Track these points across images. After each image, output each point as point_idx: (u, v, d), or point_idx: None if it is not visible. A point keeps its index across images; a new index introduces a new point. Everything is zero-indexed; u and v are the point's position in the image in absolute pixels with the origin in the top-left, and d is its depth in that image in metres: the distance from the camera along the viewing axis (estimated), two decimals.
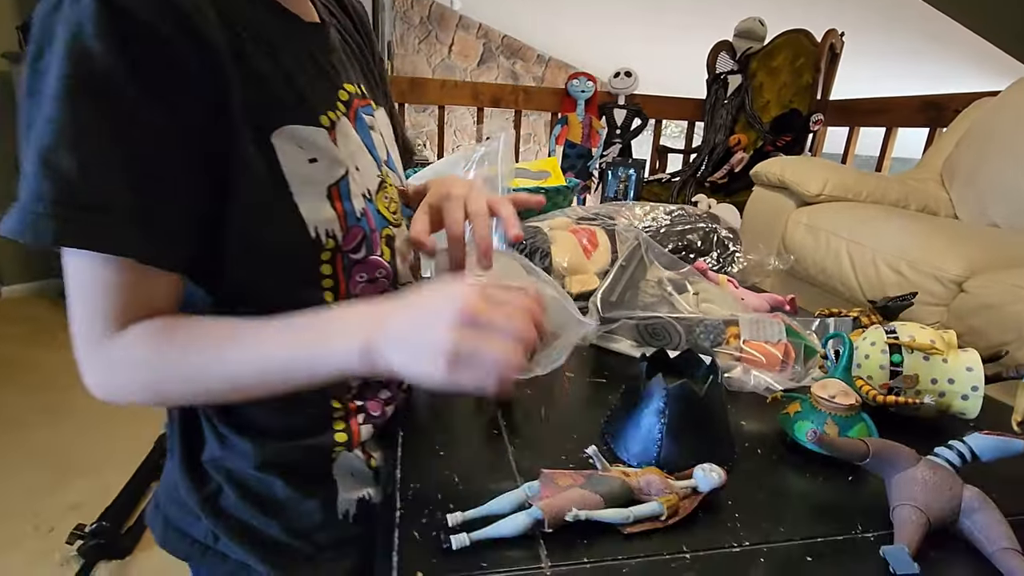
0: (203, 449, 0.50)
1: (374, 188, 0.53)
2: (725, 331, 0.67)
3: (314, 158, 0.45)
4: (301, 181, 0.44)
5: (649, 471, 0.42)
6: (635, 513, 0.39)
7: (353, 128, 0.51)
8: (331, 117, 0.48)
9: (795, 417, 0.52)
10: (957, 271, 1.27)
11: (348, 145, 0.49)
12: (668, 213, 1.02)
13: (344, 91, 0.51)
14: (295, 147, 0.44)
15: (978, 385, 0.53)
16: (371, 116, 0.56)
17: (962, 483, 0.42)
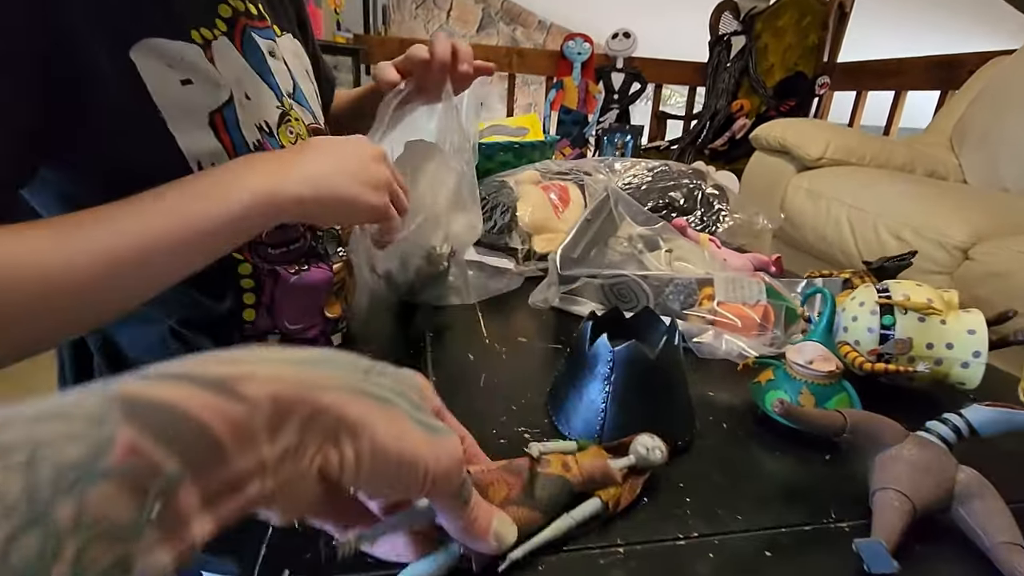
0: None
1: (274, 120, 0.46)
2: (698, 291, 0.59)
3: (187, 79, 0.39)
4: (175, 106, 0.38)
5: (590, 455, 0.34)
6: (575, 519, 0.32)
7: (238, 51, 0.44)
8: (204, 35, 0.41)
9: (767, 386, 0.45)
10: (962, 237, 1.19)
11: (230, 69, 0.42)
12: (650, 170, 0.94)
13: (227, 6, 0.44)
14: (162, 65, 0.38)
15: (980, 351, 0.46)
16: (269, 41, 0.48)
17: (957, 464, 0.35)
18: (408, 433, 0.21)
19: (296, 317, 0.50)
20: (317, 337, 0.52)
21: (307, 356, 0.20)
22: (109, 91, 0.35)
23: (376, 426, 0.20)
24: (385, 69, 0.54)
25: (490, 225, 0.74)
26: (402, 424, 0.21)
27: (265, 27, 0.49)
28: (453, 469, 0.22)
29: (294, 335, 0.50)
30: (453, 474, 0.23)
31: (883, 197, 1.40)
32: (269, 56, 0.48)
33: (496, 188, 0.79)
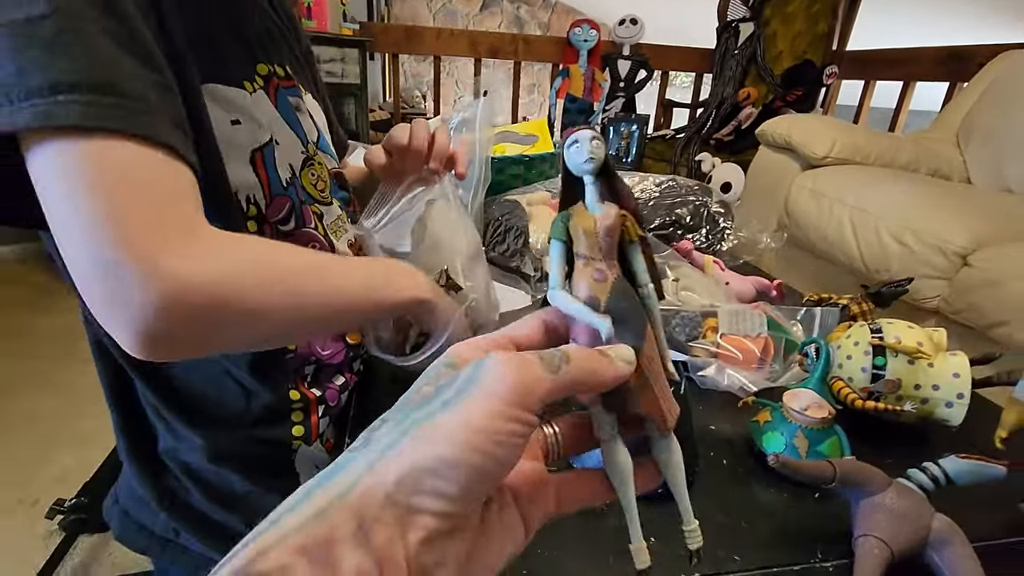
0: (156, 440, 0.49)
1: (298, 164, 0.51)
2: (702, 323, 0.63)
3: (237, 120, 0.44)
4: (225, 142, 0.43)
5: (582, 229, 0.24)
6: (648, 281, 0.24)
7: (272, 103, 0.49)
8: (247, 86, 0.46)
9: (765, 427, 0.49)
10: (962, 243, 1.21)
11: (266, 117, 0.47)
12: (658, 185, 0.97)
13: (264, 66, 0.49)
14: (218, 106, 0.43)
15: (964, 393, 0.50)
16: (296, 98, 0.53)
17: (932, 511, 0.39)
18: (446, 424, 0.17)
19: (325, 344, 0.55)
20: (341, 364, 0.57)
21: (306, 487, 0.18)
22: (197, 117, 0.40)
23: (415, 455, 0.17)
24: (375, 153, 0.58)
25: (503, 248, 0.78)
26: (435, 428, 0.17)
27: (292, 86, 0.53)
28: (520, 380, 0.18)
29: (324, 361, 0.54)
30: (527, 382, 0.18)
31: (886, 199, 1.42)
32: (296, 110, 0.53)
33: (509, 210, 0.82)
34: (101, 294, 0.31)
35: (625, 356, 0.21)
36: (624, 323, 0.22)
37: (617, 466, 0.23)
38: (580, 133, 0.23)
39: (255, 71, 0.48)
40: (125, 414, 0.50)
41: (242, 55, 0.47)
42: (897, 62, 2.35)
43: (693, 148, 2.57)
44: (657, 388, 0.22)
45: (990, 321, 1.13)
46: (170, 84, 0.36)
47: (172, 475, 0.49)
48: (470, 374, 0.19)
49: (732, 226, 0.90)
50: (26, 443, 1.13)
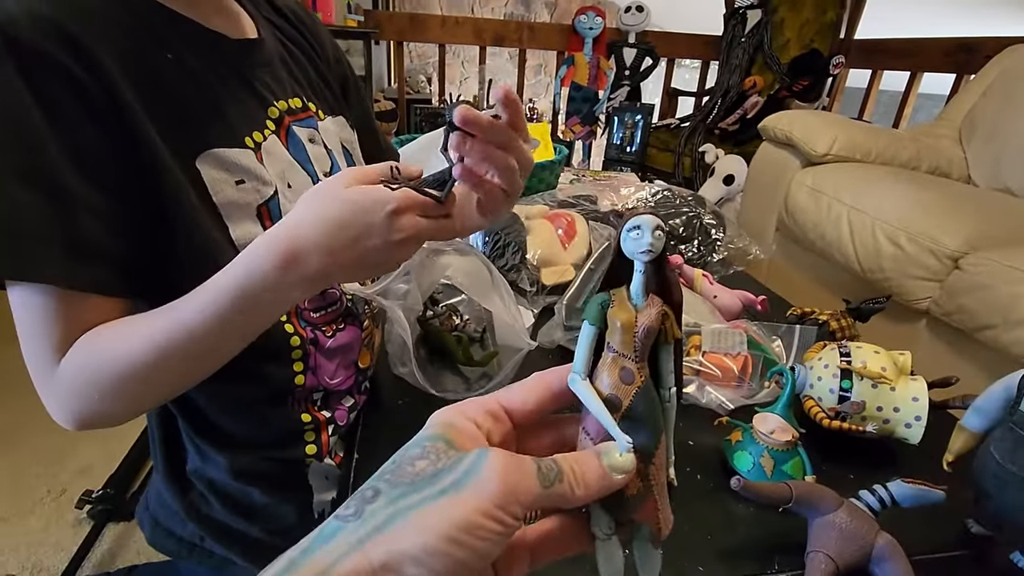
0: (186, 461, 0.54)
1: None
2: (687, 342, 0.67)
3: (241, 179, 0.46)
4: (230, 203, 0.45)
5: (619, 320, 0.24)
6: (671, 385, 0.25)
7: (284, 146, 0.51)
8: (256, 139, 0.48)
9: (736, 446, 0.53)
10: (955, 246, 1.24)
11: (277, 164, 0.50)
12: (653, 195, 1.00)
13: (275, 108, 0.51)
14: (221, 171, 0.45)
15: (921, 415, 0.54)
16: (310, 129, 0.55)
17: (878, 530, 0.44)
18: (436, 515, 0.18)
19: (335, 373, 0.58)
20: (351, 388, 0.60)
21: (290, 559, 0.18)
22: (180, 196, 0.42)
23: (403, 542, 0.18)
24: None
25: (502, 263, 0.82)
26: (426, 516, 0.18)
27: (307, 117, 0.55)
28: (513, 488, 0.19)
29: (333, 388, 0.58)
30: (519, 491, 0.19)
31: (883, 199, 1.44)
32: (309, 143, 0.55)
33: (507, 224, 0.86)
34: None
35: (621, 467, 0.22)
36: (639, 427, 0.22)
37: (612, 564, 0.23)
38: (643, 219, 0.22)
39: (266, 116, 0.50)
40: (165, 437, 0.55)
41: (249, 107, 0.49)
42: (904, 52, 2.33)
43: (697, 138, 2.57)
44: (659, 498, 0.23)
45: (978, 324, 1.17)
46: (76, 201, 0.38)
47: (198, 491, 0.54)
48: (469, 467, 0.20)
49: (724, 237, 0.93)
50: (49, 436, 1.19)
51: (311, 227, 0.37)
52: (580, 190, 1.08)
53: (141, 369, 0.39)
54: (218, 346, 0.41)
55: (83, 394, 0.40)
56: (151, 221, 0.42)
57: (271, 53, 0.53)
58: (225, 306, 0.38)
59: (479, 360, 0.67)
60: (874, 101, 2.59)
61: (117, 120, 0.39)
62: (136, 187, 0.40)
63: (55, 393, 0.41)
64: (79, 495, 1.00)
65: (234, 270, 0.38)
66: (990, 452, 0.46)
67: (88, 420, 0.42)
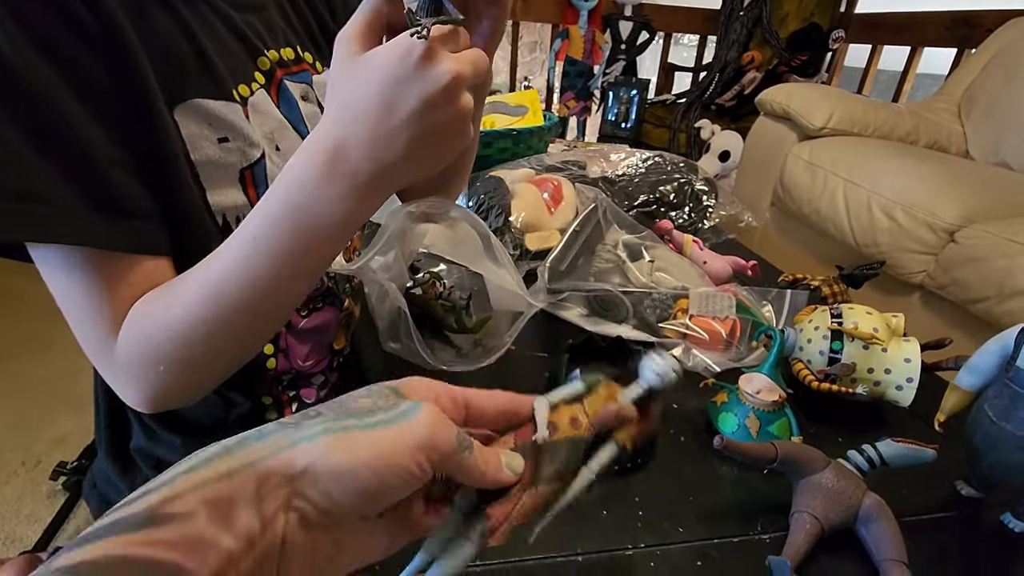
0: (130, 439, 0.50)
1: None
2: (673, 305, 0.65)
3: (225, 137, 0.40)
4: (209, 163, 0.40)
5: (601, 396, 0.30)
6: (594, 471, 0.29)
7: (274, 103, 0.46)
8: (243, 92, 0.42)
9: (721, 407, 0.52)
10: (951, 219, 1.22)
11: (266, 123, 0.44)
12: (643, 160, 0.97)
13: (265, 58, 0.45)
14: (202, 124, 0.39)
15: (913, 376, 0.52)
16: (304, 85, 0.49)
17: (865, 490, 0.42)
18: (363, 441, 0.20)
19: (307, 356, 0.53)
20: (324, 371, 0.56)
21: (225, 445, 0.20)
22: (158, 144, 0.37)
23: (327, 456, 0.20)
24: None
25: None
26: (353, 440, 0.20)
27: (301, 71, 0.49)
28: (435, 437, 0.22)
29: (304, 371, 0.54)
30: (439, 442, 0.22)
31: (879, 172, 1.41)
32: (302, 101, 0.49)
33: (492, 188, 0.83)
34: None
35: (516, 467, 0.26)
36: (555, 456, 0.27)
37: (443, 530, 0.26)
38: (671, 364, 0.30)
39: (255, 67, 0.44)
40: (110, 410, 0.50)
41: (237, 55, 0.43)
42: (905, 26, 2.28)
43: (694, 114, 2.53)
44: (516, 510, 0.26)
45: (972, 296, 1.15)
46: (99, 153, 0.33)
47: (143, 469, 0.50)
48: (406, 409, 0.22)
49: (716, 204, 0.91)
50: (25, 406, 1.17)
51: (342, 115, 0.32)
52: (570, 156, 1.04)
53: (202, 329, 0.34)
54: (278, 287, 0.35)
55: (147, 370, 0.36)
56: (161, 175, 0.37)
57: (262, 11, 0.47)
58: (276, 236, 0.33)
59: (471, 327, 0.64)
60: (873, 78, 2.55)
61: (119, 59, 0.34)
62: (146, 135, 0.36)
63: (119, 375, 0.37)
64: (54, 466, 0.98)
65: (276, 191, 0.34)
66: (984, 410, 0.44)
67: (161, 398, 0.37)
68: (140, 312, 0.35)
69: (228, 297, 0.34)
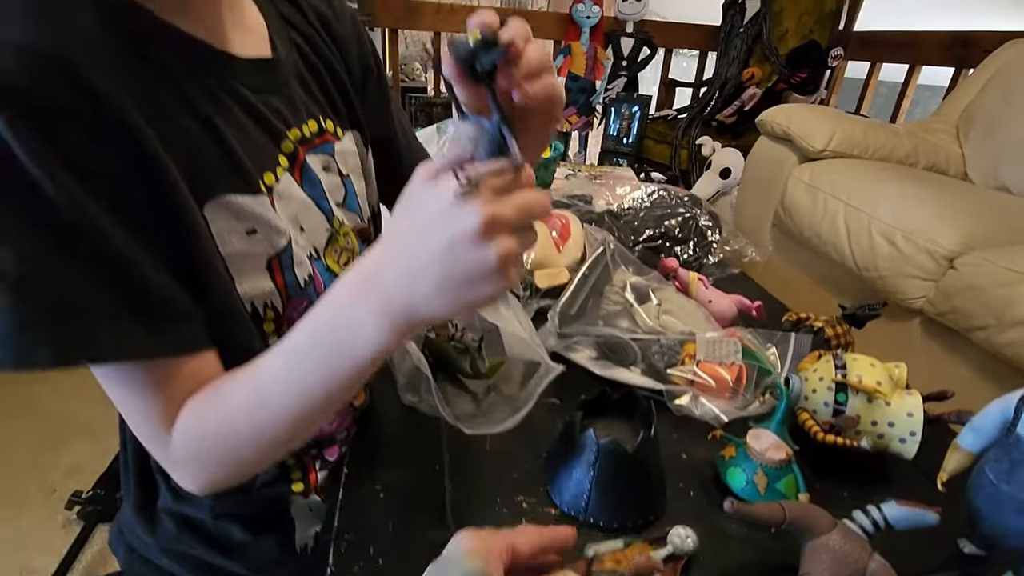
0: (158, 498, 0.51)
1: (322, 244, 0.49)
2: (681, 351, 0.67)
3: (253, 229, 0.41)
4: (237, 254, 0.40)
5: (635, 549, 0.44)
6: None
7: (298, 183, 0.46)
8: (268, 181, 0.43)
9: (729, 462, 0.53)
10: (951, 246, 1.23)
11: (291, 206, 0.45)
12: (648, 194, 0.99)
13: (288, 141, 0.45)
14: (231, 218, 0.40)
15: (916, 430, 0.54)
16: (326, 156, 0.50)
17: (871, 552, 0.43)
18: None
19: (331, 420, 0.55)
20: (347, 428, 0.58)
21: None
22: (186, 242, 0.37)
23: None
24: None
25: None
26: None
27: (323, 142, 0.50)
28: None
29: (327, 433, 0.55)
30: None
31: (879, 196, 1.43)
32: (323, 172, 0.49)
33: None
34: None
35: None
36: None
37: None
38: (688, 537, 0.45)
39: (279, 151, 0.45)
40: (141, 470, 0.51)
41: (261, 144, 0.43)
42: (903, 44, 2.31)
43: (694, 130, 2.55)
44: None
45: (972, 325, 1.16)
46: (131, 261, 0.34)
47: (171, 527, 0.51)
48: None
49: (720, 239, 0.93)
50: (40, 433, 1.18)
51: (388, 240, 0.33)
52: (575, 187, 1.06)
53: (249, 434, 0.37)
54: (316, 398, 0.36)
55: (201, 465, 0.39)
56: (196, 274, 0.38)
57: (286, 71, 0.47)
58: (314, 352, 0.34)
59: (486, 372, 0.65)
60: (872, 94, 2.57)
61: (150, 174, 0.34)
62: (181, 239, 0.36)
63: (175, 467, 0.39)
64: (69, 495, 0.99)
65: (320, 306, 0.35)
66: (985, 472, 0.46)
67: (214, 486, 0.40)
68: (193, 414, 0.37)
69: (272, 406, 0.36)
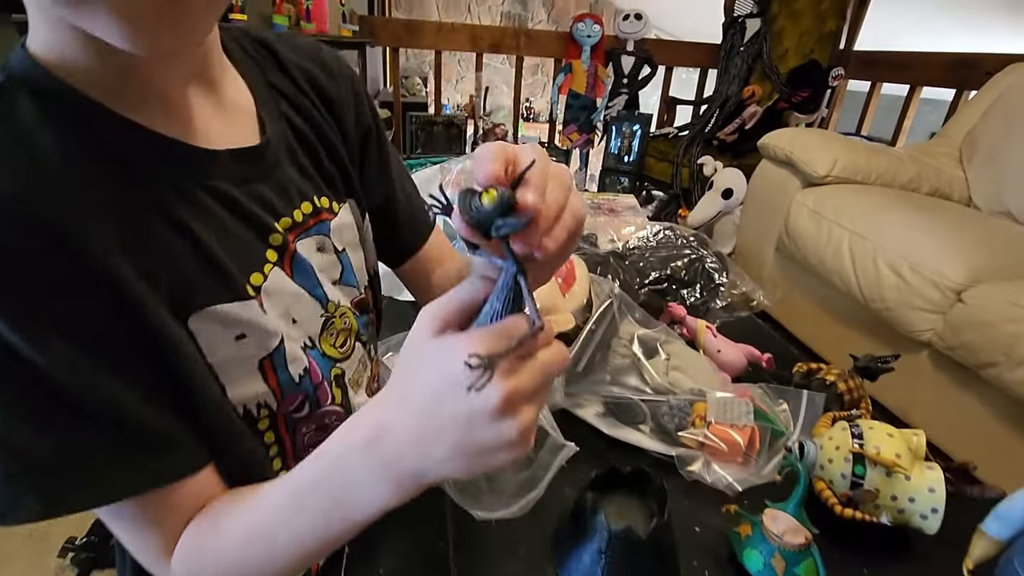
0: None
1: (317, 332, 0.46)
2: (691, 411, 0.65)
3: (242, 334, 0.39)
4: (227, 361, 0.39)
5: None
6: None
7: (288, 275, 0.44)
8: (255, 282, 0.41)
9: (746, 542, 0.51)
10: (958, 279, 1.22)
11: (281, 302, 0.43)
12: (654, 234, 0.97)
13: (277, 234, 0.43)
14: (217, 327, 0.38)
15: (938, 507, 0.52)
16: (320, 237, 0.47)
17: None
18: None
19: None
20: None
21: None
22: (168, 358, 0.35)
23: None
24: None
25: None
26: None
27: (317, 223, 0.47)
28: None
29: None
30: None
31: (884, 225, 1.42)
32: (317, 254, 0.47)
33: None
34: None
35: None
36: None
37: None
38: None
39: (267, 246, 0.42)
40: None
41: (247, 244, 0.41)
42: (904, 66, 2.31)
43: (696, 148, 2.54)
44: None
45: (981, 361, 1.15)
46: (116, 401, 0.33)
47: None
48: None
49: (727, 282, 0.91)
50: None
51: (394, 394, 0.31)
52: None
53: (250, 566, 0.36)
54: (318, 537, 0.34)
55: None
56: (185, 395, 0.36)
57: (276, 155, 0.44)
58: (314, 496, 0.33)
59: None
60: (873, 114, 2.57)
61: (126, 309, 0.33)
62: (165, 366, 0.35)
63: None
64: (62, 542, 0.97)
65: (324, 449, 0.33)
66: (1012, 562, 0.44)
67: None
68: (193, 543, 0.36)
69: (272, 541, 0.35)
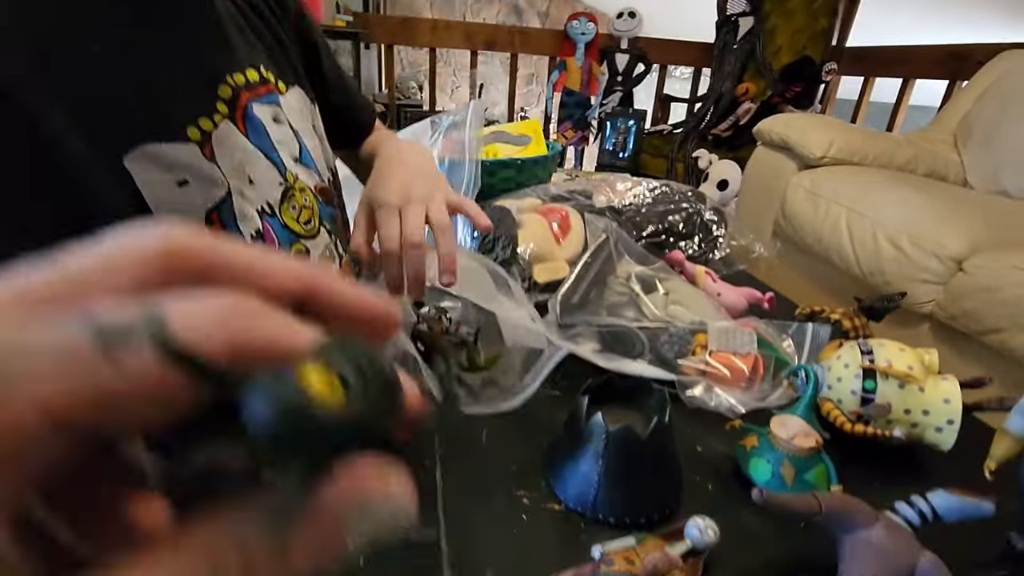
0: None
1: (276, 199, 0.46)
2: (692, 341, 0.62)
3: (184, 180, 0.38)
4: (170, 209, 0.38)
5: (649, 547, 0.38)
6: None
7: (241, 131, 0.43)
8: (204, 127, 0.40)
9: (751, 452, 0.48)
10: (957, 248, 1.21)
11: (232, 156, 0.42)
12: (651, 190, 0.95)
13: (227, 86, 0.42)
14: (158, 170, 0.37)
15: (954, 419, 0.49)
16: (273, 106, 0.47)
17: (919, 548, 0.38)
18: None
19: None
20: None
21: None
22: (102, 202, 0.34)
23: None
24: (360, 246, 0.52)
25: (492, 257, 0.76)
26: None
27: (268, 92, 0.47)
28: None
29: None
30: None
31: (882, 201, 1.41)
32: (273, 123, 0.47)
33: (498, 217, 0.81)
34: None
35: None
36: None
37: None
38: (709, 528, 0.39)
39: (216, 96, 0.42)
40: None
41: (193, 87, 0.40)
42: (896, 60, 2.33)
43: (690, 144, 2.55)
44: None
45: (985, 327, 1.13)
46: None
47: None
48: None
49: (725, 234, 0.89)
50: None
51: None
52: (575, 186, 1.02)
53: None
54: None
55: None
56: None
57: (220, 11, 0.43)
58: None
59: (483, 363, 0.61)
60: (865, 110, 2.59)
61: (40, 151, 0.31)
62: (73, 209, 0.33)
63: None
64: None
65: None
66: None
67: None
68: None
69: None
